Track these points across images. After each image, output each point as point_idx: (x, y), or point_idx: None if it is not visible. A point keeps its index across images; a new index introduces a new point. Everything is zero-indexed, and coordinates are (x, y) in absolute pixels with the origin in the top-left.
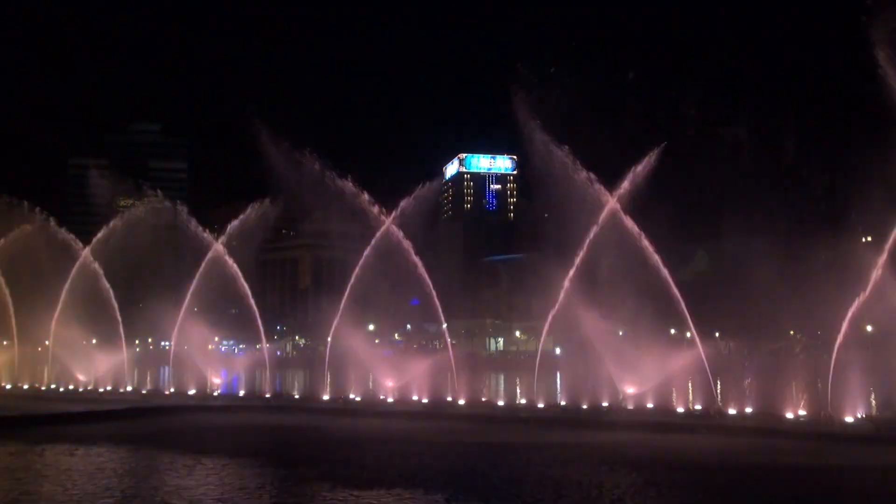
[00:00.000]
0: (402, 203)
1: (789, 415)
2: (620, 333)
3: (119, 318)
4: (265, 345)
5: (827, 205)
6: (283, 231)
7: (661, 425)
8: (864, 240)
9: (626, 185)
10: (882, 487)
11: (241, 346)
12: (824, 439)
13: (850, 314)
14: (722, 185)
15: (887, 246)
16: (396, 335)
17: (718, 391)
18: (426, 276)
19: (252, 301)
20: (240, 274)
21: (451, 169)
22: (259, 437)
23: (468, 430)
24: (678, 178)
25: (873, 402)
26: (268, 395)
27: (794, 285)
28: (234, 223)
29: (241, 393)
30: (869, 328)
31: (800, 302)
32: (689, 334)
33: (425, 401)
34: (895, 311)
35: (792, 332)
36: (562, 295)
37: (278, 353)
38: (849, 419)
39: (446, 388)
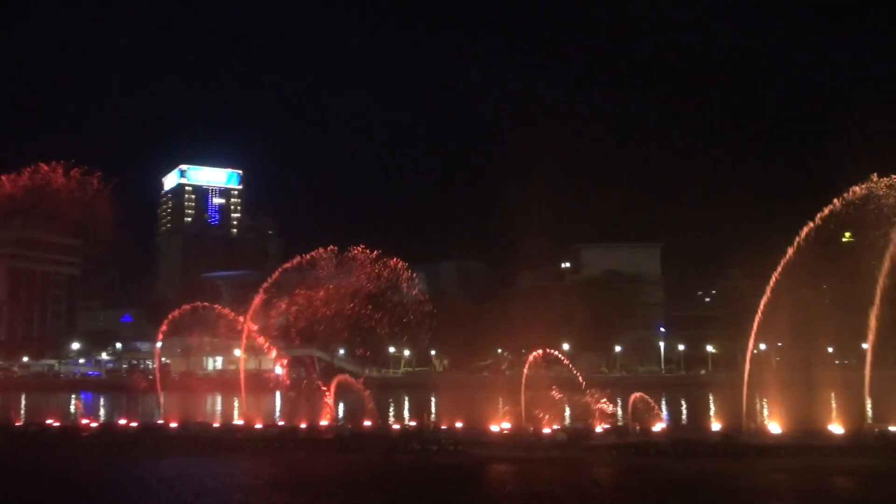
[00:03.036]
0: None
1: (494, 427)
2: (341, 352)
3: None
4: None
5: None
6: None
7: (378, 441)
8: (563, 265)
9: None
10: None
11: None
12: (522, 448)
13: None
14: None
15: None
16: (105, 354)
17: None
18: None
19: None
20: None
21: (171, 180)
22: None
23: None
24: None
25: (567, 414)
26: None
27: (503, 306)
28: None
29: None
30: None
31: (507, 322)
32: (407, 353)
33: (134, 424)
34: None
35: (500, 350)
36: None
37: None
38: (546, 430)
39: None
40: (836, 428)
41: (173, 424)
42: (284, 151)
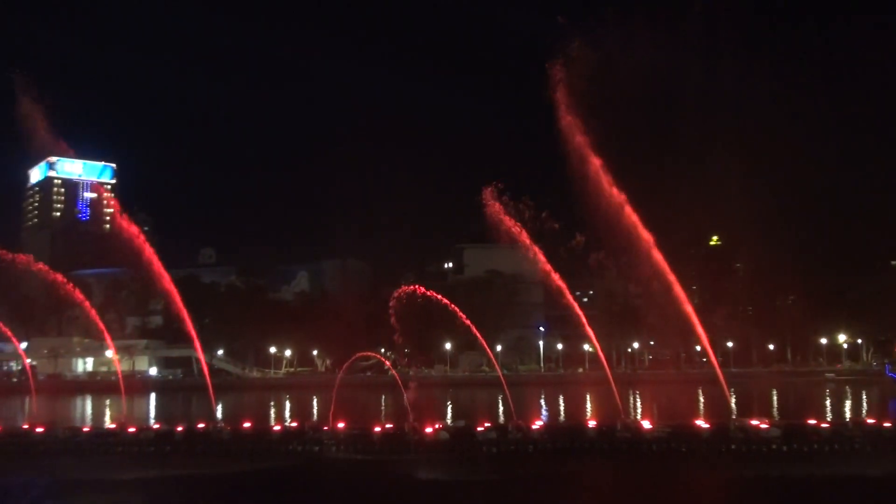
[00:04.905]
0: None
1: (377, 428)
2: (220, 353)
3: None
4: None
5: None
6: None
7: (258, 443)
8: (446, 265)
9: None
10: None
11: None
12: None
13: None
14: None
15: None
16: None
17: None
18: None
19: None
20: None
21: (38, 172)
22: None
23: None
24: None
25: (449, 416)
26: None
27: (385, 306)
28: None
29: None
30: None
31: (389, 321)
32: (288, 353)
33: None
34: None
35: (384, 350)
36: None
37: None
38: (428, 429)
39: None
40: (702, 423)
41: (39, 430)
42: (161, 146)
